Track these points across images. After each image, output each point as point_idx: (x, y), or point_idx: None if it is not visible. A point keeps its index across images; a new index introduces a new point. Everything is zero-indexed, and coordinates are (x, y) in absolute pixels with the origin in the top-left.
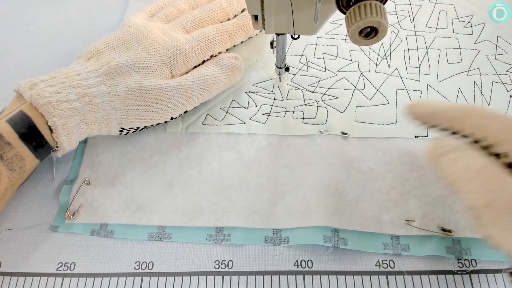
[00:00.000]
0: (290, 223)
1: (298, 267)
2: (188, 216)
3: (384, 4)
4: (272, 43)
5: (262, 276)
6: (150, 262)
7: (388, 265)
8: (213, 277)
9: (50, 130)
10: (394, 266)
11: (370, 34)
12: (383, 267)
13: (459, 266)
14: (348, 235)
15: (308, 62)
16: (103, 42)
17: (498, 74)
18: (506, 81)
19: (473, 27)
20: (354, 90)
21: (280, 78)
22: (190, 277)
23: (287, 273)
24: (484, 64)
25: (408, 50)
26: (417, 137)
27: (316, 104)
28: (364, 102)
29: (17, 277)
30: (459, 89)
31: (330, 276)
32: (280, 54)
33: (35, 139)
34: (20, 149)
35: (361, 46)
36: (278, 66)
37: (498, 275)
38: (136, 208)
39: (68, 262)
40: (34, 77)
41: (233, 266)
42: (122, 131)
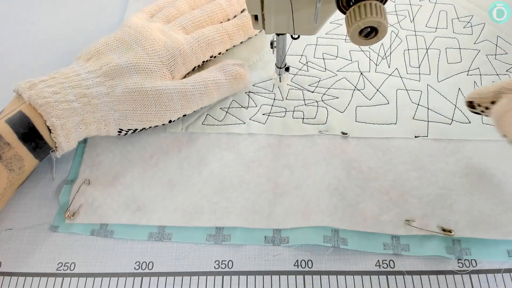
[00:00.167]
0: (290, 223)
1: (298, 267)
2: (188, 216)
3: (384, 4)
4: (272, 43)
5: (262, 276)
6: (150, 262)
7: (388, 265)
8: (213, 277)
9: (49, 131)
10: (394, 266)
11: (370, 34)
12: (383, 267)
13: (459, 266)
14: (348, 235)
15: (308, 62)
16: (103, 42)
17: (498, 74)
18: None
19: (473, 27)
20: (354, 90)
21: (280, 78)
22: (190, 277)
23: (287, 273)
24: (484, 64)
25: (408, 50)
26: (417, 137)
27: (316, 104)
28: (364, 102)
29: (17, 277)
30: (459, 89)
31: (330, 276)
32: (280, 54)
33: (34, 140)
34: (19, 149)
35: (361, 46)
36: (278, 66)
37: (498, 275)
38: (136, 208)
39: (68, 262)
40: (34, 77)
41: (233, 266)
42: (120, 132)
